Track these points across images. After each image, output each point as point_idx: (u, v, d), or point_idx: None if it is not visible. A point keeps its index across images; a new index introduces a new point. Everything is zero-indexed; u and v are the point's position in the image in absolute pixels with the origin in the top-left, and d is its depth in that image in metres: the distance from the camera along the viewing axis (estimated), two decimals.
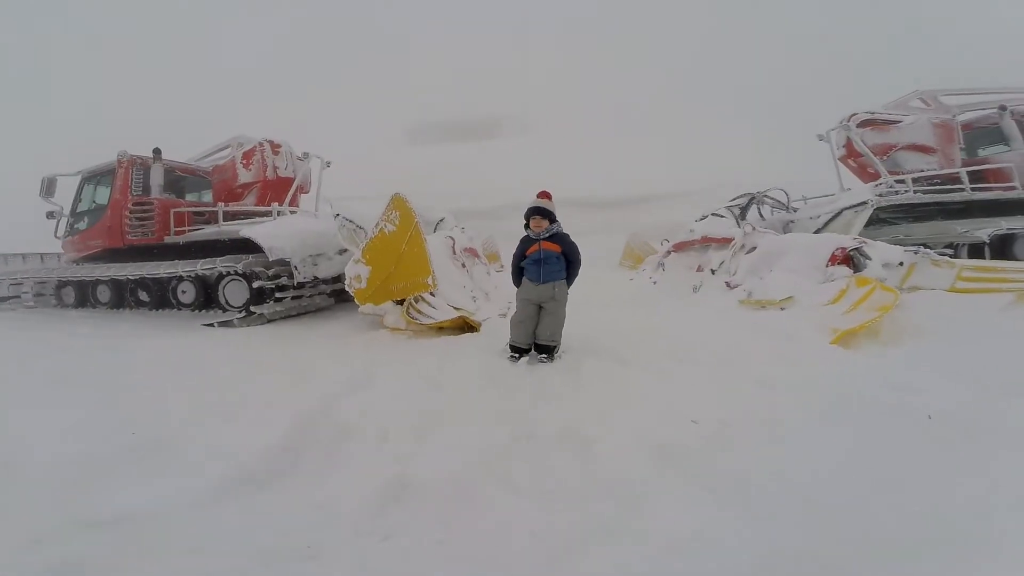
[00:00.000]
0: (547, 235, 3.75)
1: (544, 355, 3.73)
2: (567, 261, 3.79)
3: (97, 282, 8.15)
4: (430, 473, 2.21)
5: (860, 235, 6.09)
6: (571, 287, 3.90)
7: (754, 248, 5.96)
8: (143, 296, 7.74)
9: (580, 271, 3.93)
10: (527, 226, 3.81)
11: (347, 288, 5.15)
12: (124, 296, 7.96)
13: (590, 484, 2.11)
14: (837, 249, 4.93)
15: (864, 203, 6.55)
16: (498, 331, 4.51)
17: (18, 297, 9.54)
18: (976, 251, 6.60)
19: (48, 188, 8.52)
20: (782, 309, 4.69)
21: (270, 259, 6.18)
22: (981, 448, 2.20)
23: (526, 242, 3.86)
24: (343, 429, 2.68)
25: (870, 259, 4.76)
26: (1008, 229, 6.60)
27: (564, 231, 3.85)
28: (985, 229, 6.48)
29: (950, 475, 2.03)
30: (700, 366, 3.41)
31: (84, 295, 8.53)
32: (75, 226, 8.82)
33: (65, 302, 8.91)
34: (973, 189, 7.83)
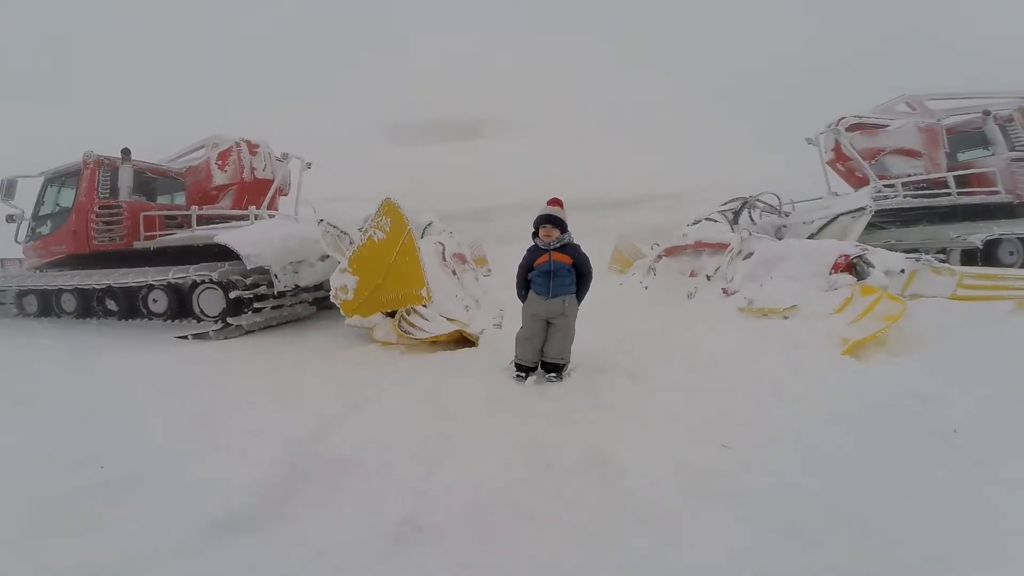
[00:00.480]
0: (558, 245, 3.53)
1: (553, 374, 3.52)
2: (578, 274, 3.58)
3: (61, 291, 7.71)
4: (443, 510, 2.04)
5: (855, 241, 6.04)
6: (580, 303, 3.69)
7: (751, 254, 5.85)
8: (111, 305, 7.30)
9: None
10: (535, 235, 3.59)
11: (332, 299, 4.89)
12: (91, 305, 7.51)
13: (620, 515, 1.96)
14: (840, 256, 4.83)
15: (863, 209, 6.50)
16: (496, 344, 4.31)
17: None
18: (968, 256, 6.63)
19: (8, 190, 8.00)
20: (785, 318, 4.58)
21: (248, 267, 5.84)
22: (1011, 459, 2.18)
23: (534, 252, 3.61)
24: (340, 460, 2.47)
25: (873, 267, 4.67)
26: (1000, 234, 6.65)
27: (576, 241, 3.63)
28: (979, 234, 6.53)
29: (980, 487, 1.99)
30: (716, 380, 3.27)
31: (48, 304, 8.09)
32: (37, 230, 8.34)
33: (27, 311, 8.46)
34: (958, 193, 7.91)
